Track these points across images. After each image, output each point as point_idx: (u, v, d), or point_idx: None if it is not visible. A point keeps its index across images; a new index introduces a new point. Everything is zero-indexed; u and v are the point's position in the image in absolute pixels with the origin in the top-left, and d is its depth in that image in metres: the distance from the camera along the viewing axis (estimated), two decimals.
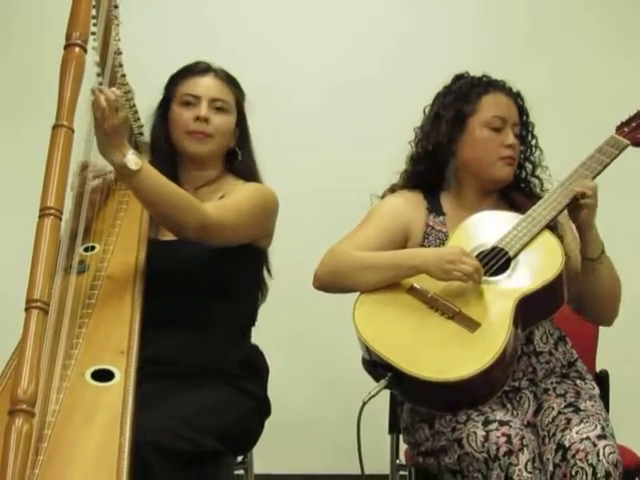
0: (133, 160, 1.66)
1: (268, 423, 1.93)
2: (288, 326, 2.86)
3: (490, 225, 1.91)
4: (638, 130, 1.96)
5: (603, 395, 1.98)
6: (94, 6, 1.69)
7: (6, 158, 3.02)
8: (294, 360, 2.91)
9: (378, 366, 1.76)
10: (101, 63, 1.82)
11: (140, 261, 1.84)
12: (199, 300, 1.87)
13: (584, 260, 1.90)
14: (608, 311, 1.96)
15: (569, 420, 1.76)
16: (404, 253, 1.91)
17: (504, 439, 1.68)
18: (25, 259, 1.44)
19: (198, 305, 1.87)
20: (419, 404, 1.83)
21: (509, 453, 1.66)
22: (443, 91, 2.01)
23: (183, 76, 2.02)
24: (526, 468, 1.66)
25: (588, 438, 1.69)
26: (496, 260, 1.85)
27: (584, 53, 3.11)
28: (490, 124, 1.94)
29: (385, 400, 2.07)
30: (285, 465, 2.94)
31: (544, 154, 2.02)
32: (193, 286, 1.86)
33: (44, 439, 1.47)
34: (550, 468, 1.70)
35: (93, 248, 1.88)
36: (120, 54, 1.89)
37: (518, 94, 2.00)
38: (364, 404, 1.73)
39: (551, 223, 1.89)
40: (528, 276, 1.82)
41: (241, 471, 2.10)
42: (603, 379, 2.11)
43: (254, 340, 2.02)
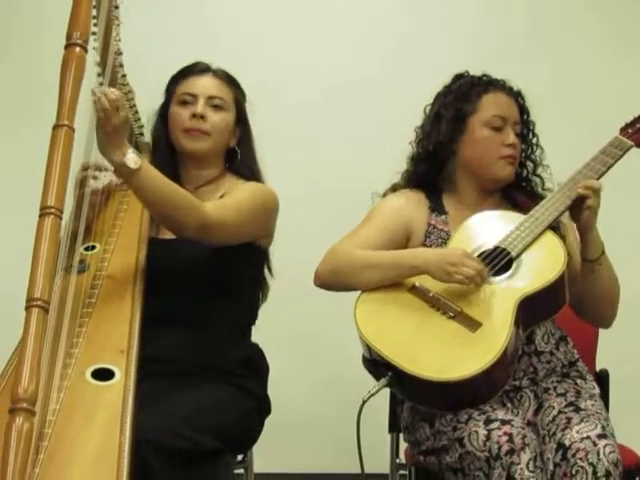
0: (133, 159, 1.66)
1: (268, 422, 1.93)
2: (288, 325, 2.86)
3: (492, 225, 1.90)
4: None
5: (603, 394, 1.98)
6: (95, 6, 1.69)
7: (7, 158, 3.01)
8: (294, 359, 2.91)
9: (379, 365, 1.76)
10: (102, 63, 1.81)
11: (140, 261, 1.84)
12: (199, 299, 1.88)
13: (584, 261, 1.90)
14: (607, 312, 1.96)
15: (569, 419, 1.76)
16: (406, 253, 1.90)
17: (506, 438, 1.68)
18: (25, 258, 1.44)
19: (198, 304, 1.88)
20: (420, 403, 1.82)
21: (511, 452, 1.66)
22: (443, 91, 2.01)
23: (182, 76, 2.02)
24: (528, 467, 1.66)
25: (588, 437, 1.69)
26: (498, 260, 1.84)
27: (584, 53, 3.11)
28: (490, 123, 1.94)
29: (385, 399, 2.07)
30: (285, 464, 2.94)
31: (545, 153, 2.01)
32: (193, 285, 1.86)
33: (44, 438, 1.47)
34: (550, 467, 1.70)
35: (93, 248, 1.88)
36: (121, 54, 1.89)
37: (519, 93, 2.00)
38: (364, 403, 1.73)
39: (553, 223, 1.89)
40: (530, 276, 1.81)
41: (241, 470, 2.10)
42: (603, 378, 2.11)
43: (254, 339, 2.02)
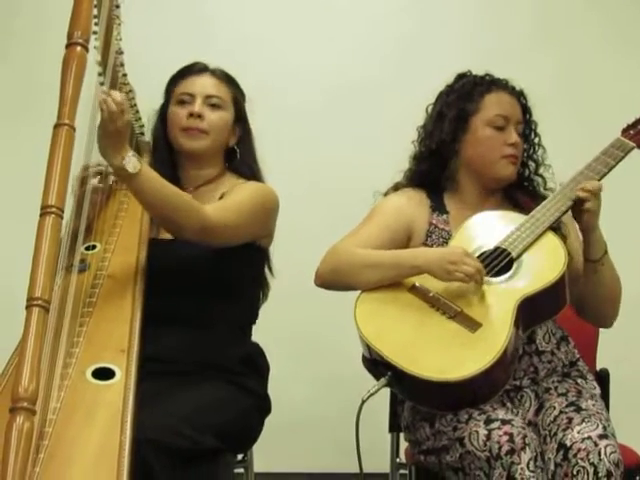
0: (132, 163, 1.66)
1: (268, 421, 1.93)
2: (288, 324, 2.85)
3: (493, 225, 1.90)
4: None
5: (603, 394, 1.98)
6: (95, 5, 1.68)
7: (8, 156, 3.01)
8: (294, 358, 2.91)
9: (379, 365, 1.76)
10: (102, 62, 1.80)
11: (141, 260, 1.84)
12: (199, 299, 1.87)
13: (586, 261, 1.90)
14: (609, 312, 1.96)
15: (570, 419, 1.76)
16: (406, 252, 1.90)
17: (506, 438, 1.67)
18: (26, 257, 1.44)
19: (198, 304, 1.87)
20: (419, 403, 1.82)
21: (511, 452, 1.66)
22: (446, 90, 2.00)
23: (180, 76, 2.02)
24: (528, 467, 1.66)
25: (589, 438, 1.69)
26: (499, 260, 1.84)
27: (586, 53, 3.10)
28: (493, 123, 1.94)
29: (385, 399, 2.06)
30: (285, 463, 2.94)
31: (547, 153, 2.01)
32: (193, 285, 1.86)
33: (45, 437, 1.47)
34: (551, 467, 1.70)
35: (94, 247, 1.89)
36: (121, 53, 1.88)
37: (521, 92, 2.00)
38: (363, 403, 1.72)
39: (554, 224, 1.88)
40: (530, 277, 1.81)
41: (241, 469, 2.10)
42: (603, 378, 2.11)
43: (254, 338, 2.02)
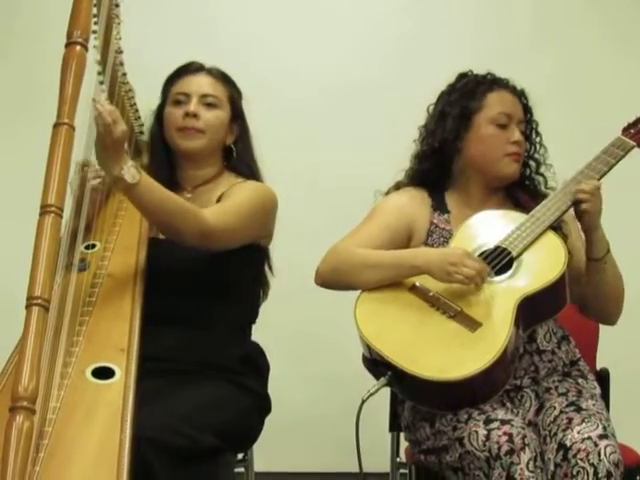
0: (131, 173, 1.65)
1: (268, 421, 1.93)
2: (288, 324, 2.86)
3: (494, 224, 1.90)
4: None
5: (604, 393, 1.97)
6: (95, 5, 1.68)
7: (7, 156, 3.01)
8: (294, 358, 2.91)
9: (379, 364, 1.76)
10: (102, 62, 1.80)
11: (140, 260, 1.84)
12: (199, 298, 1.87)
13: (589, 260, 1.89)
14: (612, 310, 1.96)
15: (570, 420, 1.75)
16: (407, 252, 1.90)
17: (506, 438, 1.67)
18: (26, 256, 1.43)
19: (198, 303, 1.87)
20: (419, 403, 1.82)
21: (511, 452, 1.66)
22: (448, 89, 2.00)
23: (176, 76, 2.02)
24: (528, 467, 1.66)
25: (589, 438, 1.69)
26: (499, 260, 1.84)
27: (586, 52, 3.10)
28: (496, 121, 1.94)
29: (385, 398, 2.06)
30: (285, 463, 2.94)
31: (548, 152, 2.01)
32: (193, 284, 1.86)
33: (45, 436, 1.47)
34: (551, 468, 1.70)
35: (94, 246, 1.88)
36: (121, 53, 1.88)
37: (522, 92, 2.00)
38: (363, 402, 1.72)
39: (555, 223, 1.88)
40: (530, 276, 1.81)
41: (241, 469, 2.10)
42: (604, 377, 2.11)
43: (255, 338, 2.02)
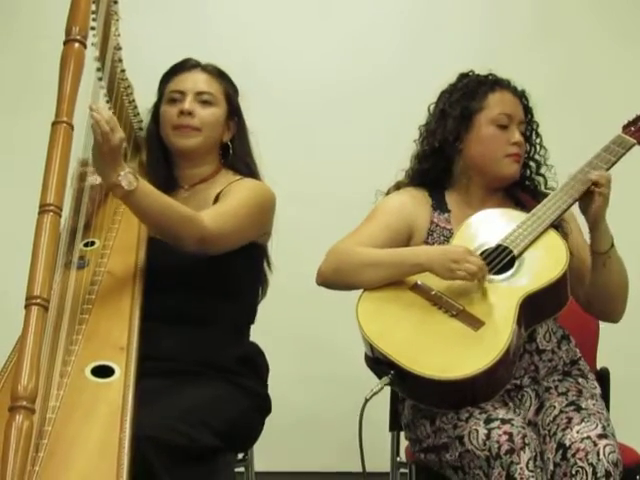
0: (128, 180, 1.64)
1: (269, 421, 1.92)
2: (289, 323, 2.85)
3: (495, 223, 1.90)
4: None
5: (604, 393, 1.97)
6: (94, 1, 1.67)
7: (6, 154, 2.99)
8: (295, 357, 2.90)
9: (381, 363, 1.75)
10: (101, 58, 1.79)
11: (140, 258, 1.83)
12: (198, 297, 1.86)
13: (594, 254, 1.89)
14: (618, 306, 1.95)
15: (570, 419, 1.75)
16: (409, 251, 1.90)
17: (506, 437, 1.67)
18: (25, 255, 1.43)
19: (197, 302, 1.86)
20: (421, 402, 1.82)
21: (511, 451, 1.66)
22: (449, 89, 2.00)
23: (172, 73, 2.01)
24: (527, 467, 1.66)
25: (589, 437, 1.69)
26: (500, 258, 1.84)
27: (586, 52, 3.09)
28: (497, 121, 1.94)
29: (386, 398, 2.05)
30: (286, 463, 2.93)
31: (548, 152, 2.01)
32: (191, 284, 1.85)
33: (44, 435, 1.47)
34: (551, 467, 1.70)
35: (93, 243, 1.88)
36: (120, 49, 1.88)
37: (523, 93, 2.00)
38: (366, 401, 1.72)
39: (556, 222, 1.88)
40: (532, 275, 1.81)
41: (241, 469, 2.09)
42: (604, 377, 2.10)
43: (255, 338, 2.01)
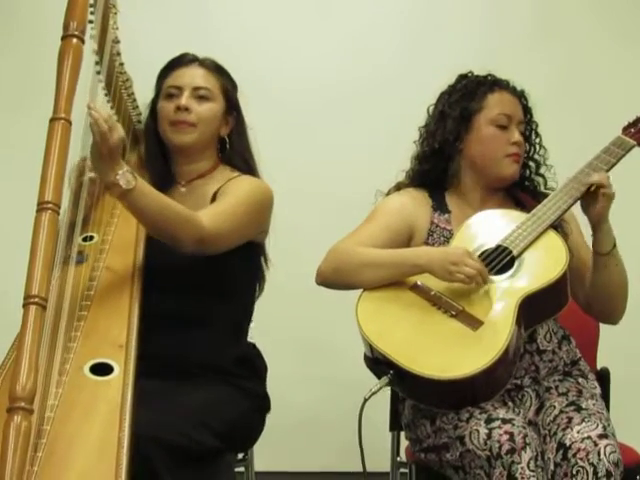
0: (126, 178, 1.63)
1: (269, 421, 1.92)
2: (289, 323, 2.85)
3: (494, 223, 1.90)
4: None
5: (604, 393, 1.97)
6: None
7: (6, 153, 2.98)
8: (295, 358, 2.90)
9: (380, 363, 1.75)
10: (99, 52, 1.78)
11: (139, 255, 1.82)
12: (196, 296, 1.85)
13: (596, 255, 1.88)
14: (618, 307, 1.94)
15: (570, 419, 1.75)
16: (409, 251, 1.89)
17: (507, 437, 1.67)
18: (23, 254, 1.41)
19: (195, 301, 1.85)
20: (421, 402, 1.82)
21: (512, 451, 1.66)
22: (448, 90, 2.00)
23: (169, 68, 1.99)
24: (529, 466, 1.66)
25: (589, 437, 1.69)
26: (500, 259, 1.84)
27: (586, 52, 3.08)
28: (496, 121, 1.94)
29: (386, 398, 2.06)
30: (286, 463, 2.93)
31: (548, 153, 2.00)
32: (189, 283, 1.84)
33: (43, 435, 1.46)
34: (551, 467, 1.70)
35: (92, 238, 1.87)
36: (118, 42, 1.86)
37: (522, 93, 2.00)
38: (365, 401, 1.72)
39: (555, 222, 1.88)
40: (532, 275, 1.81)
41: (241, 468, 2.10)
42: (604, 377, 2.10)
43: (255, 339, 2.01)
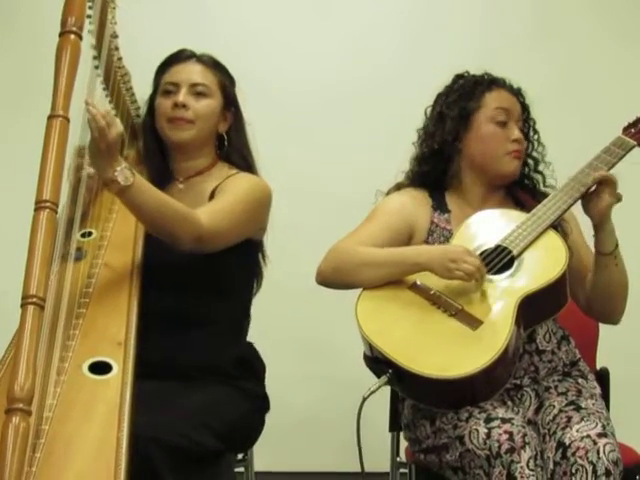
0: (124, 175, 1.62)
1: (268, 421, 1.92)
2: (289, 323, 2.85)
3: (494, 223, 1.90)
4: None
5: (604, 393, 1.97)
6: None
7: (6, 153, 2.97)
8: (294, 357, 2.90)
9: (380, 362, 1.75)
10: (97, 46, 1.77)
11: (137, 252, 1.81)
12: (194, 295, 1.84)
13: (598, 255, 1.88)
14: (619, 307, 1.94)
15: (570, 418, 1.75)
16: (408, 250, 1.89)
17: (506, 436, 1.67)
18: (22, 253, 1.40)
19: (193, 300, 1.84)
20: (420, 401, 1.82)
21: (511, 450, 1.66)
22: (445, 91, 2.00)
23: (167, 65, 1.98)
24: (528, 466, 1.66)
25: (588, 436, 1.69)
26: (499, 258, 1.84)
27: (586, 52, 3.07)
28: (495, 118, 1.93)
29: (386, 398, 2.06)
30: (285, 463, 2.94)
31: (547, 150, 2.00)
32: (187, 281, 1.83)
33: (41, 435, 1.45)
34: (551, 466, 1.70)
35: (90, 234, 1.86)
36: (116, 37, 1.84)
37: (519, 91, 1.99)
38: (364, 400, 1.72)
39: (555, 222, 1.87)
40: (531, 275, 1.81)
41: (241, 468, 2.09)
42: (604, 377, 2.10)
43: (254, 339, 2.00)
